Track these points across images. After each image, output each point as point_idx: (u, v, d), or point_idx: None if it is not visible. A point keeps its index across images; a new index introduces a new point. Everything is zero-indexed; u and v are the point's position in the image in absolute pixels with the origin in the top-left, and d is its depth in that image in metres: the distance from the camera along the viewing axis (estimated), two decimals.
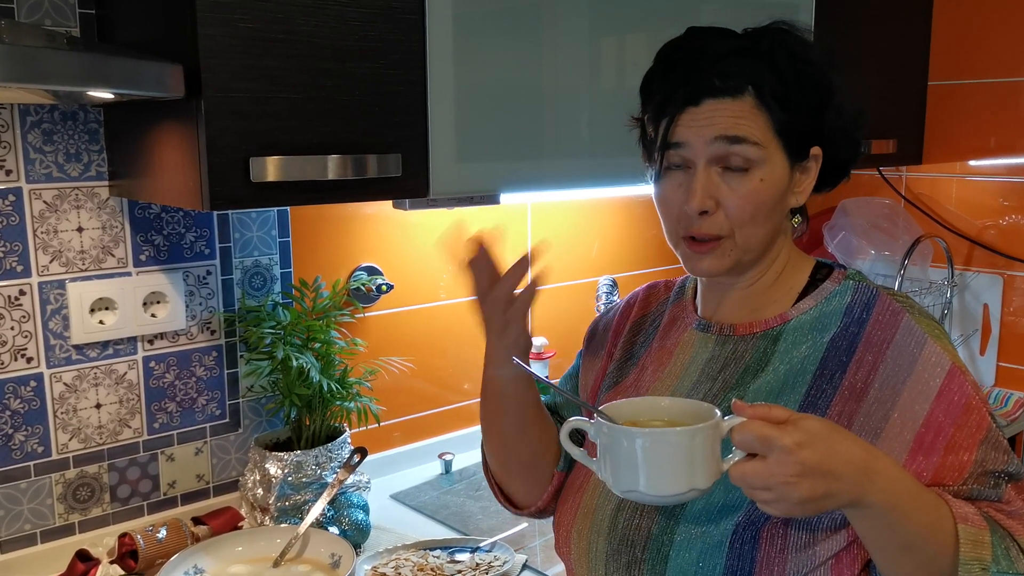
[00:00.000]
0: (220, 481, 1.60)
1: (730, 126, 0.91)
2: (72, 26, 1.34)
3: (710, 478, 0.77)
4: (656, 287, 1.16)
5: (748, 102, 0.92)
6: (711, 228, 0.93)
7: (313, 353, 1.51)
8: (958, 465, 0.87)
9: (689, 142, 0.93)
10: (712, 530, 0.89)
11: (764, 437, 0.73)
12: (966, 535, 0.80)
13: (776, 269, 1.00)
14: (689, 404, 0.83)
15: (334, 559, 1.31)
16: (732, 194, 0.92)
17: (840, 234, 2.25)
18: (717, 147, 0.91)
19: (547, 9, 1.42)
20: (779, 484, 0.73)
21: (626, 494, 0.79)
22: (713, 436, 0.76)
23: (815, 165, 0.98)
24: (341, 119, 1.21)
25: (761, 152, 0.92)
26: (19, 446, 1.38)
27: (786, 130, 0.93)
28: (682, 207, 0.94)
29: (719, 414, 0.78)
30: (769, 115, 0.92)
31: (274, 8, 1.13)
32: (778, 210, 0.96)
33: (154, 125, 1.24)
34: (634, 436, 0.77)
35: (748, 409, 0.75)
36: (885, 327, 0.93)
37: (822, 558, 0.87)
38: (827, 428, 0.76)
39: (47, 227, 1.37)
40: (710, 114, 0.92)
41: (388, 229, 1.76)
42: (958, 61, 2.18)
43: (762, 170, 0.92)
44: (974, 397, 0.89)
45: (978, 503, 0.86)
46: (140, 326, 1.46)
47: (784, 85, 0.92)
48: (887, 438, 0.88)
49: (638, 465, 0.77)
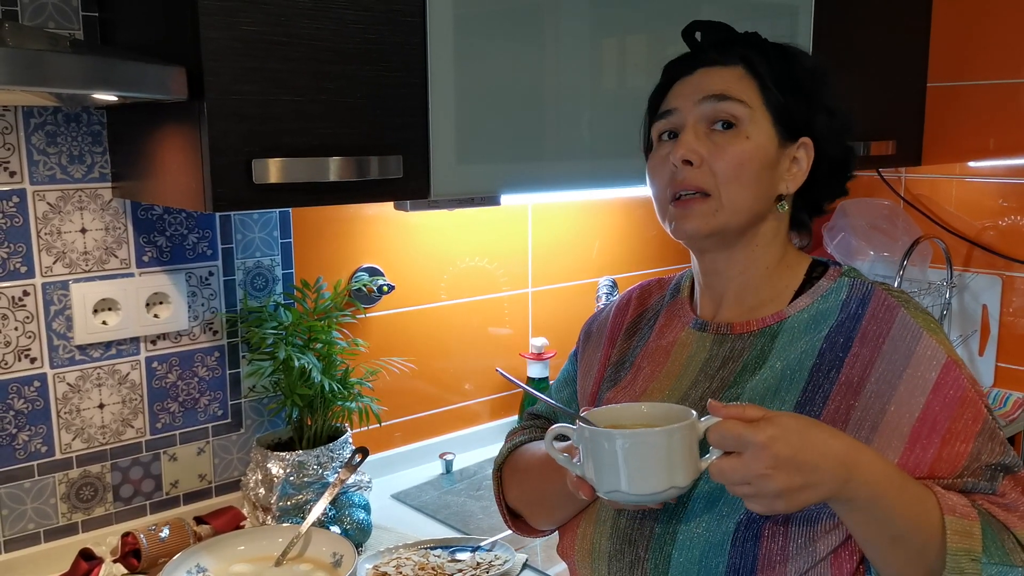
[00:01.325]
0: (222, 481, 1.60)
1: (719, 86, 0.96)
2: (75, 29, 1.35)
3: (689, 476, 0.81)
4: (650, 286, 1.16)
5: (739, 71, 0.98)
6: (696, 179, 0.95)
7: (315, 353, 1.51)
8: (954, 456, 0.88)
9: (678, 107, 0.98)
10: (714, 529, 0.90)
11: (738, 435, 0.77)
12: (953, 526, 0.82)
13: (768, 258, 1.00)
14: (667, 408, 0.87)
15: (336, 558, 1.31)
16: (718, 150, 0.95)
17: (839, 235, 2.25)
18: (705, 106, 0.96)
19: (548, 11, 1.42)
20: (755, 478, 0.76)
21: (609, 495, 0.83)
22: (690, 436, 0.80)
23: (806, 157, 0.99)
24: (343, 121, 1.22)
25: (748, 111, 0.96)
26: (23, 446, 1.39)
27: (774, 100, 0.97)
28: (669, 167, 0.97)
29: (695, 415, 0.81)
30: (758, 83, 0.97)
31: (276, 11, 1.14)
32: (764, 179, 0.97)
33: (157, 127, 1.25)
34: (614, 437, 0.80)
35: (722, 409, 0.79)
36: (881, 322, 0.94)
37: (822, 554, 0.88)
38: (802, 423, 0.79)
39: (51, 228, 1.38)
40: (700, 79, 0.98)
41: (389, 230, 1.77)
42: (957, 62, 2.19)
43: (748, 129, 0.96)
44: (970, 390, 0.90)
45: (973, 496, 0.87)
46: (143, 327, 1.47)
47: (772, 68, 0.98)
48: (884, 431, 0.89)
49: (619, 466, 0.80)
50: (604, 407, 0.89)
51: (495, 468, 1.16)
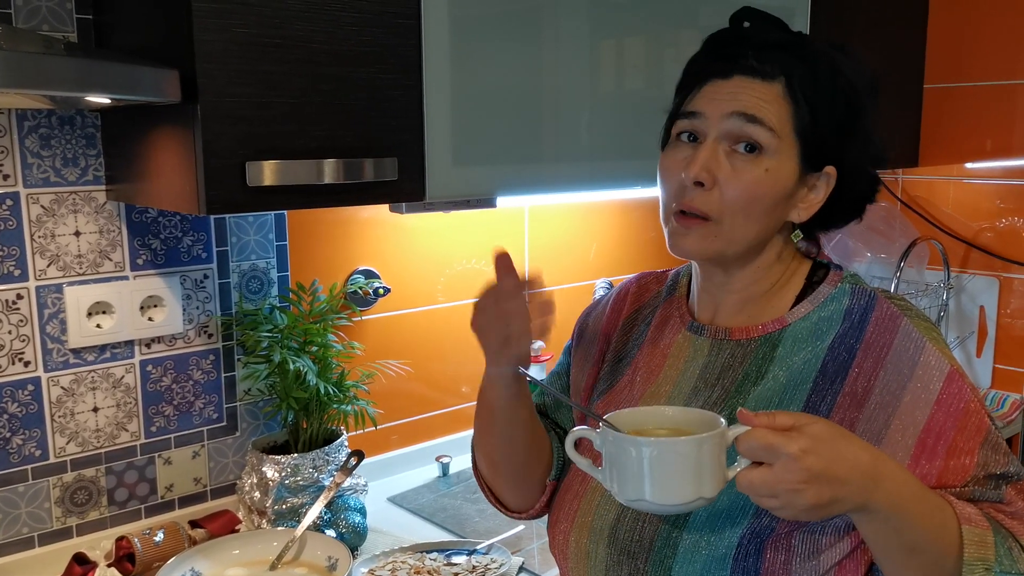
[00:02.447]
0: (217, 484, 1.60)
1: (751, 105, 0.90)
2: (69, 31, 1.34)
3: (716, 487, 0.77)
4: (647, 279, 1.13)
5: (777, 89, 0.90)
6: (702, 204, 0.91)
7: (310, 356, 1.51)
8: (960, 469, 0.87)
9: (705, 113, 0.92)
10: (716, 541, 0.88)
11: (769, 445, 0.73)
12: (970, 536, 0.80)
13: (770, 279, 0.98)
14: (694, 413, 0.83)
15: (331, 562, 1.31)
16: (733, 176, 0.90)
17: (836, 236, 2.25)
18: (732, 123, 0.90)
19: (544, 12, 1.42)
20: (785, 491, 0.73)
21: (632, 503, 0.79)
22: (719, 445, 0.76)
23: (825, 186, 0.95)
24: (337, 123, 1.22)
25: (774, 141, 0.90)
26: (16, 449, 1.39)
27: (806, 132, 0.91)
28: (680, 177, 0.92)
29: (724, 423, 0.77)
30: (794, 109, 0.91)
31: (270, 13, 1.14)
32: (775, 213, 0.93)
33: (151, 130, 1.25)
34: (641, 445, 0.76)
35: (753, 418, 0.75)
36: (884, 332, 0.92)
37: (826, 566, 0.87)
38: (833, 433, 0.76)
39: (44, 231, 1.37)
40: (735, 89, 0.91)
41: (385, 233, 1.76)
42: (954, 64, 2.19)
43: (770, 160, 0.90)
44: (973, 400, 0.89)
45: (979, 504, 0.86)
46: (137, 330, 1.47)
47: (817, 89, 0.91)
48: (889, 444, 0.88)
49: (644, 474, 0.76)
50: (628, 410, 0.85)
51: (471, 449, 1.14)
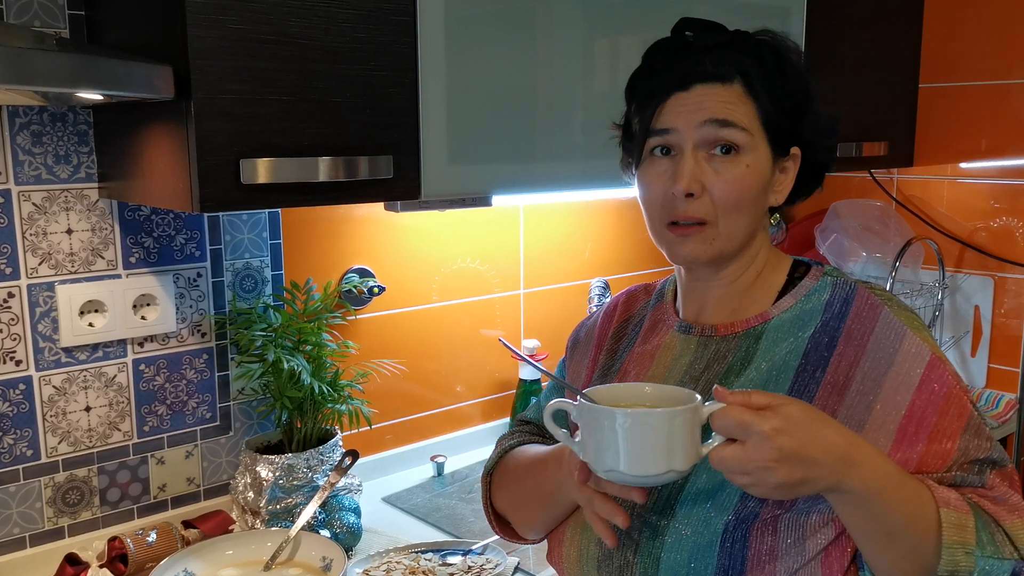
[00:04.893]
0: (211, 484, 1.59)
1: (720, 110, 0.93)
2: (61, 27, 1.33)
3: (689, 460, 0.79)
4: (636, 291, 1.16)
5: (737, 89, 0.94)
6: (696, 211, 0.94)
7: (304, 356, 1.50)
8: (941, 453, 0.88)
9: (677, 127, 0.94)
10: (702, 530, 0.90)
11: (742, 423, 0.75)
12: (948, 519, 0.82)
13: (755, 268, 1.01)
14: (671, 390, 0.85)
15: (325, 562, 1.30)
16: (718, 178, 0.94)
17: (831, 236, 2.25)
18: (705, 131, 0.93)
19: (539, 11, 1.42)
20: (756, 469, 0.75)
21: (607, 474, 0.82)
22: (692, 419, 0.79)
23: (793, 166, 1.00)
24: (332, 121, 1.21)
25: (748, 139, 0.94)
26: (8, 449, 1.37)
27: (771, 122, 0.95)
28: (667, 192, 0.95)
29: (699, 399, 0.80)
30: (756, 104, 0.95)
31: (264, 9, 1.13)
32: (760, 202, 0.97)
33: (144, 127, 1.24)
34: (615, 416, 0.79)
35: (728, 395, 0.77)
36: (864, 321, 0.94)
37: (812, 553, 0.88)
38: (808, 415, 0.78)
39: (36, 229, 1.36)
40: (699, 99, 0.94)
41: (379, 231, 1.76)
42: (949, 63, 2.19)
43: (748, 156, 0.94)
44: (955, 386, 0.90)
45: (962, 489, 0.87)
46: (130, 328, 1.46)
47: (770, 79, 0.95)
48: (871, 430, 0.89)
49: (619, 445, 0.79)
50: (607, 385, 0.87)
51: (484, 474, 1.15)
